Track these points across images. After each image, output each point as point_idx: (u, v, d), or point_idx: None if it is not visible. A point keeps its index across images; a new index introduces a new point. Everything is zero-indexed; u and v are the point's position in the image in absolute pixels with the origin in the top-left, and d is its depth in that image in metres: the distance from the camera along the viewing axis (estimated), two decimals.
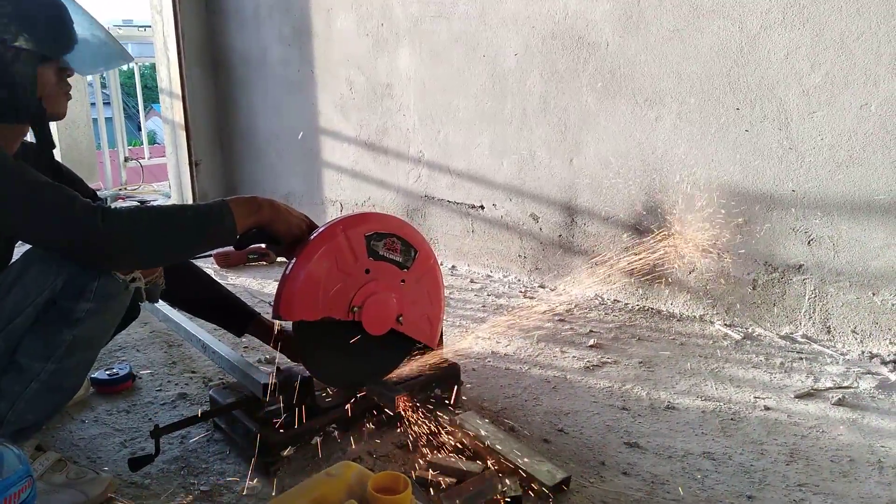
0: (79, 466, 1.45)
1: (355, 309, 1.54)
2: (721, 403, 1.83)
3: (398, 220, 1.62)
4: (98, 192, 1.73)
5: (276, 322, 1.74)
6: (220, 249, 3.45)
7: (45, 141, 1.45)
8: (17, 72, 1.29)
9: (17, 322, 1.30)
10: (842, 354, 2.09)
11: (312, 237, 1.50)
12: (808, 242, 2.15)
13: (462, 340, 2.30)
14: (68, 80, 1.42)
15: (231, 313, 1.79)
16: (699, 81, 2.29)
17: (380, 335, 1.59)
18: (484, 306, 2.68)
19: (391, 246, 1.58)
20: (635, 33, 2.42)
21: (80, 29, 1.43)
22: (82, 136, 4.99)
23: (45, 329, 1.31)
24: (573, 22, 2.58)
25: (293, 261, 1.48)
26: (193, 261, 1.84)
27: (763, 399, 1.85)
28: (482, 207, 3.06)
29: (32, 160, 1.51)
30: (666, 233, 2.46)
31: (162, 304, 2.18)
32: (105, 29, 1.53)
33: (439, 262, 1.73)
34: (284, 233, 1.47)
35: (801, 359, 2.08)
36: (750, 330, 2.31)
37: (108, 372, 1.95)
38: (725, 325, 2.36)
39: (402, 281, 1.61)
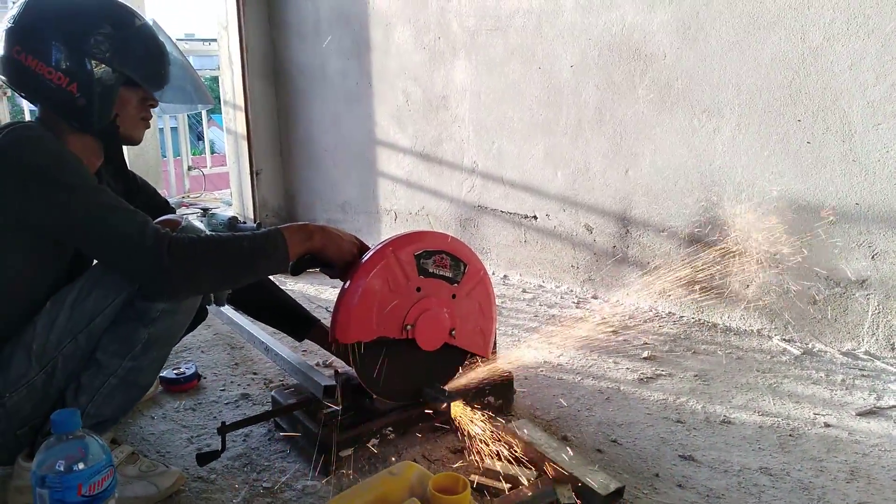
0: (150, 460, 1.52)
1: (409, 327, 1.58)
2: (779, 419, 1.80)
3: (445, 236, 1.66)
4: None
5: None
6: None
7: (113, 157, 1.53)
8: (98, 85, 1.36)
9: (98, 322, 1.39)
10: None
11: (364, 260, 1.53)
12: (872, 257, 2.10)
13: (514, 350, 2.32)
14: (151, 110, 1.50)
15: (292, 319, 1.85)
16: (759, 93, 2.27)
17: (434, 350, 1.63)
18: (536, 316, 2.69)
19: (440, 262, 1.61)
20: (693, 45, 2.41)
21: (174, 70, 1.52)
22: (149, 145, 5.19)
23: (123, 328, 1.39)
24: (630, 34, 2.59)
25: (346, 284, 1.53)
26: None
27: (823, 416, 1.81)
28: (535, 218, 3.07)
29: (112, 173, 1.61)
30: (723, 245, 2.44)
31: (226, 308, 2.27)
32: (196, 73, 1.63)
33: (491, 272, 1.75)
34: (336, 258, 1.52)
35: (864, 376, 2.03)
36: (810, 346, 2.26)
37: (175, 371, 2.04)
38: (784, 340, 2.32)
39: (453, 296, 1.64)
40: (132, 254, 1.29)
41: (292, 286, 3.17)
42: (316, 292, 3.08)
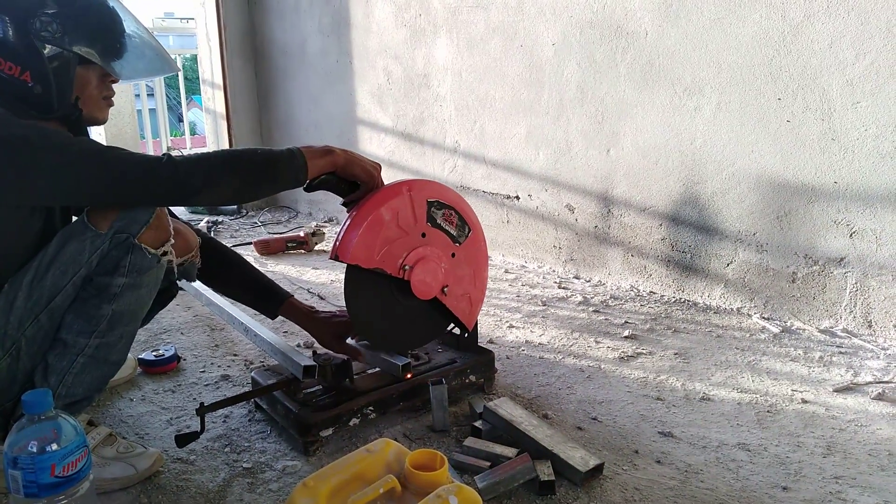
0: (128, 441, 1.51)
1: (406, 268, 1.57)
2: (757, 395, 1.82)
3: (458, 195, 1.67)
4: None
5: (311, 307, 1.79)
6: (260, 238, 3.52)
7: None
8: (52, 69, 1.32)
9: (58, 300, 1.35)
10: (883, 349, 2.06)
11: (379, 191, 1.53)
12: (850, 235, 2.12)
13: (497, 328, 2.32)
14: (113, 87, 1.46)
15: (263, 295, 1.81)
16: (740, 71, 2.27)
17: (421, 302, 1.62)
18: (518, 296, 2.69)
19: (448, 217, 1.62)
20: (675, 22, 2.40)
21: (131, 38, 1.46)
22: (127, 126, 5.11)
23: (86, 305, 1.36)
24: (612, 11, 2.57)
25: (359, 206, 1.52)
26: (232, 246, 1.88)
27: (801, 392, 1.83)
28: (517, 198, 3.07)
29: None
30: (703, 224, 2.44)
31: (205, 290, 2.25)
32: (155, 38, 1.57)
33: None
34: (361, 174, 1.50)
35: (841, 353, 2.06)
36: (788, 323, 2.29)
37: (154, 353, 2.02)
38: (763, 318, 2.34)
39: (453, 254, 1.64)
40: (145, 174, 1.28)
41: (273, 267, 3.15)
42: (298, 274, 3.06)
